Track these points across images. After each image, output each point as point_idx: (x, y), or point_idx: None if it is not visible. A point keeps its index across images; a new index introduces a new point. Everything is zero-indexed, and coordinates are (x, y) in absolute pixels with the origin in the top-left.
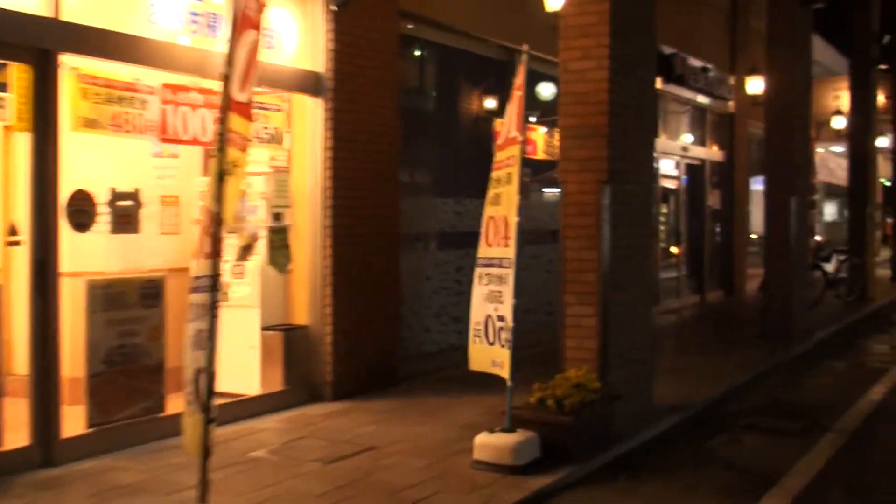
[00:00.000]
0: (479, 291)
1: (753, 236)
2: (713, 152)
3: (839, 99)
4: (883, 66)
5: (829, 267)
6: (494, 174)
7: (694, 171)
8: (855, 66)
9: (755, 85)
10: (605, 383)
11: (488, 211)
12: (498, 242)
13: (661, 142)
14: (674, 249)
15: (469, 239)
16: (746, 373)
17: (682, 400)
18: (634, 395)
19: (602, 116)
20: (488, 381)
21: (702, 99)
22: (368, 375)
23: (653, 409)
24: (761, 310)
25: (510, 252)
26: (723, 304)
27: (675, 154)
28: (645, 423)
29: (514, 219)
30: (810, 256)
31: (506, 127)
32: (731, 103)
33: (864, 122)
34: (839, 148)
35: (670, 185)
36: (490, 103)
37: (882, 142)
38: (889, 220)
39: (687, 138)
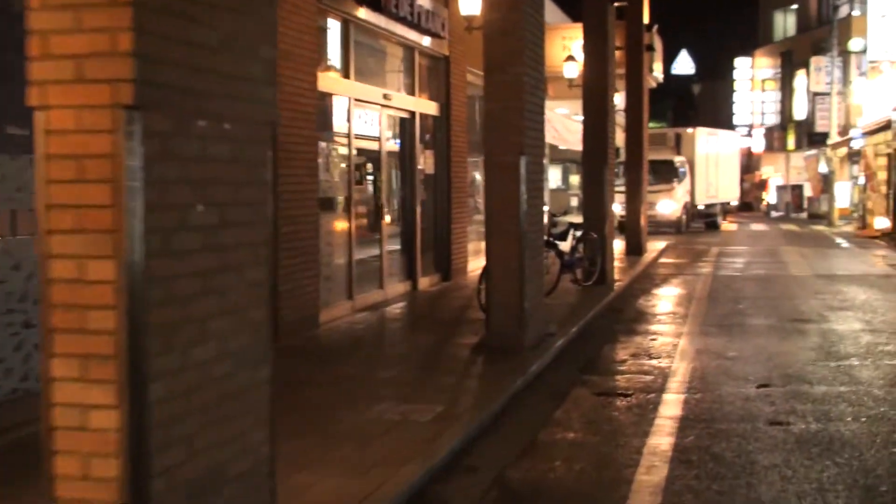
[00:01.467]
0: None
1: None
2: (424, 104)
3: (568, 49)
4: (619, 3)
5: (565, 245)
6: None
7: (401, 127)
8: (589, 4)
9: (469, 3)
10: None
11: None
12: None
13: (354, 86)
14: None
15: None
16: (457, 431)
17: None
18: None
19: None
20: None
21: (407, 34)
22: None
23: None
24: (484, 309)
25: None
26: (439, 294)
27: (375, 103)
28: None
29: None
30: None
31: None
32: (445, 43)
33: (601, 69)
34: (564, 109)
35: (370, 144)
36: None
37: (617, 99)
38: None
39: (391, 85)
